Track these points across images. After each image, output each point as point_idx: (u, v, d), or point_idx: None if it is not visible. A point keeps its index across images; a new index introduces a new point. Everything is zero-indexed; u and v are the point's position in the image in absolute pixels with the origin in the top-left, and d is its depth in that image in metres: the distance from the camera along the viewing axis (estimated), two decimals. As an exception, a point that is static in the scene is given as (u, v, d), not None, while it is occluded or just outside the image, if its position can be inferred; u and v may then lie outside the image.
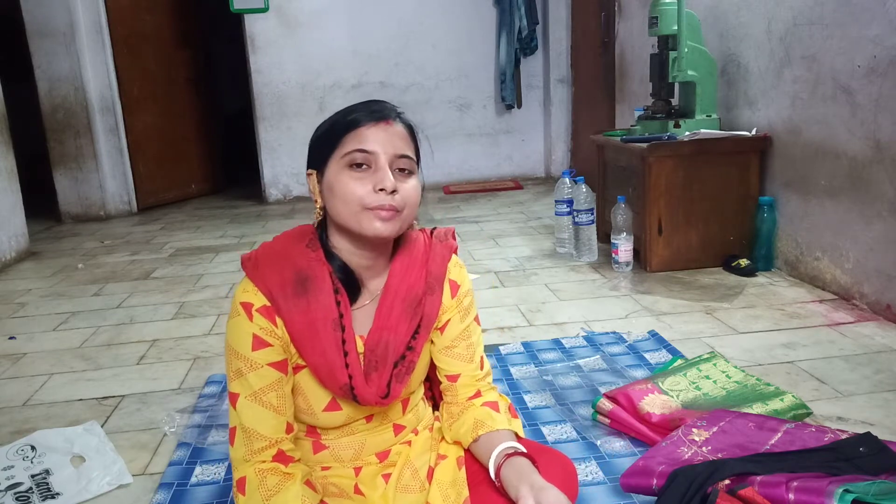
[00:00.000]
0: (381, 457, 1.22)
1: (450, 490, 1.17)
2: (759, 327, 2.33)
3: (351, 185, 1.05)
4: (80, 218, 5.20)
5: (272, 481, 1.05)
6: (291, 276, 1.09)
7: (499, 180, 5.84)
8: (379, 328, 1.13)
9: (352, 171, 1.06)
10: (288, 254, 1.12)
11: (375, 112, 1.08)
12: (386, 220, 1.05)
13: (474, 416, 1.19)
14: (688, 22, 2.98)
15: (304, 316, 1.08)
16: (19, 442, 1.78)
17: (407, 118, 1.13)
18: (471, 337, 1.23)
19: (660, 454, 1.47)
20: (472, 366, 1.23)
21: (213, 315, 2.80)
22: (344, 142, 1.07)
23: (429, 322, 1.17)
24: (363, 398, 1.11)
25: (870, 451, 1.37)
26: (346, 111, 1.11)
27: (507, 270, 3.21)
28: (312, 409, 1.14)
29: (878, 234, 2.37)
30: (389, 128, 1.08)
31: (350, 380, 1.10)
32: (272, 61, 5.40)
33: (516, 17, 5.48)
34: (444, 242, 1.22)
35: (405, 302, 1.15)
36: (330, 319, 1.09)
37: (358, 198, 1.05)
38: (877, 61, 2.30)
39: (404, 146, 1.08)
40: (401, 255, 1.17)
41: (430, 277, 1.17)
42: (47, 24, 4.91)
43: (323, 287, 1.10)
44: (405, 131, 1.10)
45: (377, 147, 1.06)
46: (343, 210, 1.06)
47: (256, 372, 1.07)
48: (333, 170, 1.07)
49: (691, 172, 2.93)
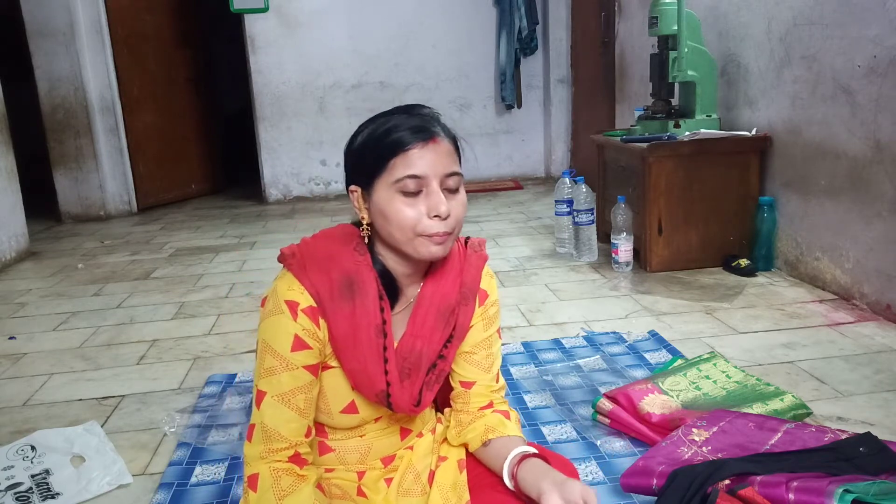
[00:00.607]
0: (386, 462, 1.21)
1: (450, 493, 1.17)
2: (759, 327, 2.33)
3: (405, 211, 1.03)
4: (80, 218, 5.20)
5: (286, 482, 1.05)
6: (339, 278, 1.07)
7: (499, 180, 5.84)
8: (412, 336, 1.13)
9: (405, 198, 1.03)
10: (335, 255, 1.10)
11: (421, 131, 1.04)
12: (440, 244, 1.05)
13: (485, 423, 1.19)
14: (688, 22, 2.98)
15: (349, 320, 1.07)
16: (19, 442, 1.78)
17: (450, 129, 1.10)
18: (491, 347, 1.22)
19: (660, 454, 1.47)
20: (489, 376, 1.22)
21: (213, 315, 2.80)
22: (392, 165, 1.03)
23: (461, 332, 1.17)
24: (398, 405, 1.11)
25: (870, 451, 1.37)
26: (386, 126, 1.06)
27: (507, 270, 3.21)
28: (330, 410, 1.14)
29: (878, 234, 2.37)
30: (437, 147, 1.04)
31: (388, 387, 1.09)
32: (272, 61, 5.40)
33: (516, 17, 5.47)
34: (478, 253, 1.21)
35: (439, 311, 1.14)
36: (374, 325, 1.08)
37: (412, 224, 1.03)
38: (877, 61, 2.30)
39: (451, 163, 1.06)
40: (436, 263, 1.16)
41: (464, 288, 1.17)
42: (47, 24, 4.91)
43: (369, 292, 1.08)
44: (450, 146, 1.07)
45: (427, 171, 1.03)
46: (397, 235, 1.05)
47: (291, 373, 1.06)
48: (383, 194, 1.04)
49: (691, 172, 2.93)
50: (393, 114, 1.09)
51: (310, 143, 5.57)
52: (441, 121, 1.10)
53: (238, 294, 3.08)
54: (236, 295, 3.07)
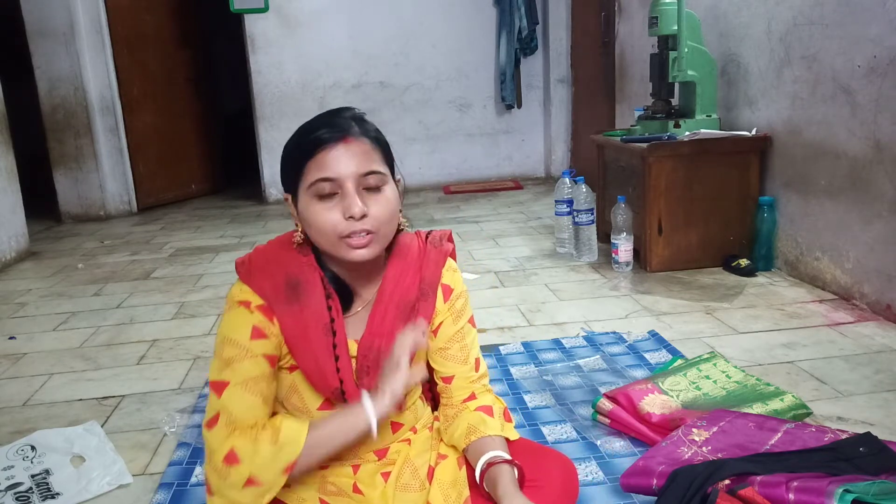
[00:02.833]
0: (380, 454, 1.22)
1: (450, 490, 1.17)
2: (759, 327, 2.33)
3: (322, 215, 1.04)
4: (80, 218, 5.20)
5: (267, 432, 1.04)
6: (283, 281, 1.10)
7: (499, 180, 5.84)
8: (371, 334, 1.13)
9: (320, 202, 1.04)
10: (280, 259, 1.12)
11: (334, 129, 1.04)
12: (363, 247, 1.05)
13: (467, 422, 1.19)
14: (688, 22, 2.98)
15: (297, 321, 1.09)
16: (19, 442, 1.78)
17: (369, 126, 1.09)
18: (464, 339, 1.23)
19: (660, 454, 1.47)
20: (466, 367, 1.23)
21: (213, 315, 2.80)
22: (307, 170, 1.04)
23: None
24: (353, 402, 1.11)
25: (870, 451, 1.37)
26: (307, 128, 1.07)
27: (507, 270, 3.21)
28: (308, 408, 1.15)
29: (878, 234, 2.37)
30: (350, 146, 1.04)
31: (341, 384, 1.11)
32: (272, 61, 5.40)
33: (516, 17, 5.47)
34: (439, 248, 1.22)
35: (398, 308, 1.15)
36: (321, 324, 1.10)
37: (331, 227, 1.04)
38: (877, 61, 2.30)
39: (369, 161, 1.05)
40: (394, 260, 1.17)
41: (423, 283, 1.17)
42: (47, 24, 4.91)
43: (314, 292, 1.10)
44: (368, 144, 1.06)
45: (340, 171, 1.02)
46: (321, 240, 1.07)
47: (251, 360, 1.07)
48: (304, 200, 1.06)
49: (691, 172, 2.93)
50: (317, 117, 1.09)
51: (310, 143, 5.56)
52: (363, 121, 1.09)
53: (238, 294, 3.08)
54: (236, 295, 3.07)
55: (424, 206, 5.00)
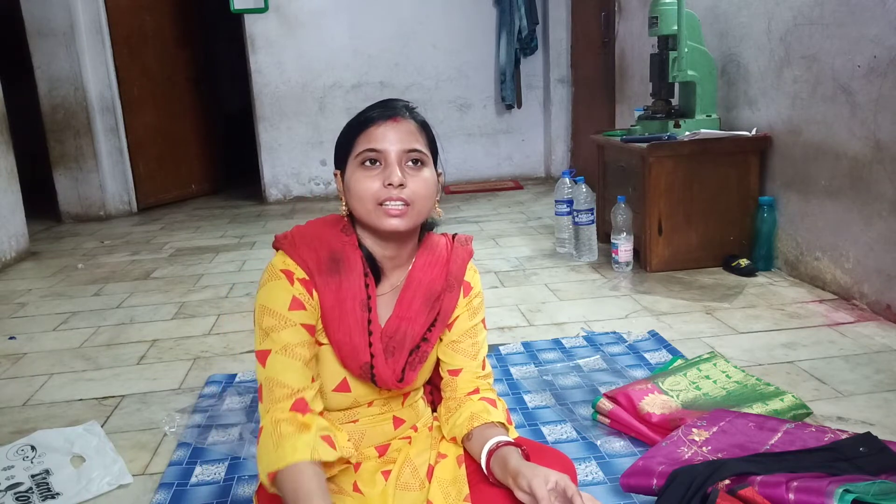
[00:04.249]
0: (381, 451, 1.23)
1: (450, 488, 1.17)
2: (759, 327, 2.33)
3: (364, 182, 1.10)
4: (80, 218, 5.20)
5: (285, 429, 1.06)
6: (326, 255, 1.15)
7: (499, 180, 5.84)
8: (398, 317, 1.18)
9: (364, 170, 1.11)
10: (323, 236, 1.17)
11: (386, 110, 1.13)
12: (398, 216, 1.10)
13: (470, 410, 1.21)
14: (688, 22, 2.98)
15: (336, 294, 1.14)
16: (19, 442, 1.78)
17: (418, 114, 1.18)
18: (476, 336, 1.27)
19: (660, 454, 1.47)
20: (475, 363, 1.26)
21: (213, 315, 2.80)
22: (357, 142, 1.12)
23: (445, 317, 1.22)
24: (381, 379, 1.15)
25: (870, 451, 1.37)
26: (362, 112, 1.16)
27: (507, 270, 3.21)
28: (323, 388, 1.17)
29: (878, 234, 2.37)
30: (398, 125, 1.12)
31: (371, 359, 1.14)
32: (272, 61, 5.40)
33: (516, 17, 5.47)
34: (465, 247, 1.28)
35: (425, 296, 1.20)
36: (359, 300, 1.15)
37: (371, 194, 1.10)
38: (877, 61, 2.30)
39: (413, 140, 1.12)
40: (423, 252, 1.23)
41: (450, 276, 1.23)
42: (47, 24, 4.91)
43: (354, 268, 1.15)
44: (415, 126, 1.14)
45: (386, 144, 1.10)
46: (359, 207, 1.12)
47: (290, 329, 1.11)
48: (350, 170, 1.13)
49: (691, 172, 2.93)
50: (371, 105, 1.18)
51: (310, 143, 5.57)
52: (412, 108, 1.17)
53: (238, 294, 3.08)
54: (236, 295, 3.07)
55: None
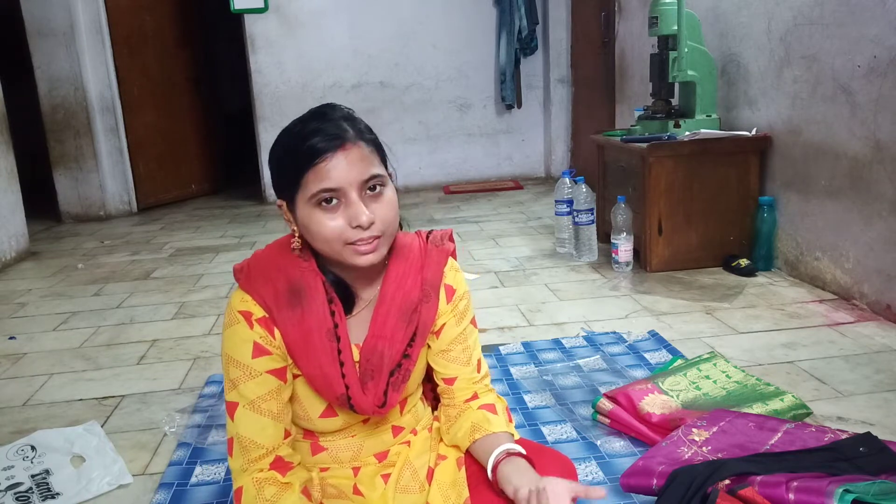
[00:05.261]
0: (380, 457, 1.22)
1: (450, 490, 1.17)
2: (759, 327, 2.33)
3: (326, 224, 1.02)
4: (80, 218, 5.20)
5: (269, 492, 1.05)
6: (285, 286, 1.08)
7: (499, 180, 5.84)
8: (374, 336, 1.12)
9: (323, 211, 1.02)
10: (280, 264, 1.10)
11: (330, 137, 1.01)
12: (372, 252, 1.04)
13: (471, 421, 1.18)
14: (688, 22, 2.98)
15: (299, 327, 1.08)
16: (19, 442, 1.78)
17: (365, 129, 1.06)
18: (467, 340, 1.21)
19: (660, 454, 1.47)
20: (469, 369, 1.21)
21: (213, 315, 2.80)
22: (307, 180, 1.01)
23: (424, 329, 1.16)
24: (360, 408, 1.11)
25: (870, 451, 1.37)
26: (300, 135, 1.03)
27: (507, 270, 3.21)
28: (309, 416, 1.15)
29: (878, 234, 2.37)
30: (349, 153, 1.01)
31: (347, 390, 1.10)
32: (272, 61, 5.40)
33: (516, 17, 5.47)
34: (440, 247, 1.19)
35: (401, 310, 1.13)
36: (324, 329, 1.09)
37: (336, 236, 1.02)
38: (877, 61, 2.30)
39: (368, 166, 1.02)
40: (395, 261, 1.15)
41: (425, 285, 1.15)
42: (47, 24, 4.91)
43: (316, 297, 1.09)
44: (365, 147, 1.03)
45: (343, 181, 1.00)
46: (325, 248, 1.05)
47: (256, 380, 1.07)
48: (304, 210, 1.03)
49: (691, 172, 2.93)
50: (306, 120, 1.05)
51: (310, 143, 5.56)
52: (353, 120, 1.06)
53: (238, 294, 3.08)
54: (236, 295, 3.07)
55: (424, 206, 4.99)
